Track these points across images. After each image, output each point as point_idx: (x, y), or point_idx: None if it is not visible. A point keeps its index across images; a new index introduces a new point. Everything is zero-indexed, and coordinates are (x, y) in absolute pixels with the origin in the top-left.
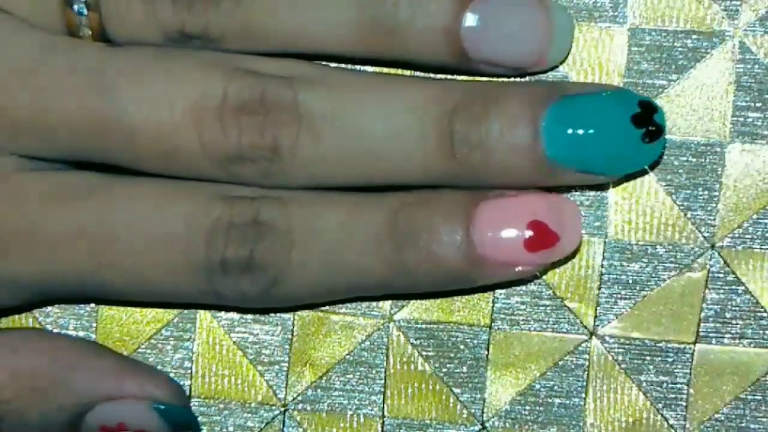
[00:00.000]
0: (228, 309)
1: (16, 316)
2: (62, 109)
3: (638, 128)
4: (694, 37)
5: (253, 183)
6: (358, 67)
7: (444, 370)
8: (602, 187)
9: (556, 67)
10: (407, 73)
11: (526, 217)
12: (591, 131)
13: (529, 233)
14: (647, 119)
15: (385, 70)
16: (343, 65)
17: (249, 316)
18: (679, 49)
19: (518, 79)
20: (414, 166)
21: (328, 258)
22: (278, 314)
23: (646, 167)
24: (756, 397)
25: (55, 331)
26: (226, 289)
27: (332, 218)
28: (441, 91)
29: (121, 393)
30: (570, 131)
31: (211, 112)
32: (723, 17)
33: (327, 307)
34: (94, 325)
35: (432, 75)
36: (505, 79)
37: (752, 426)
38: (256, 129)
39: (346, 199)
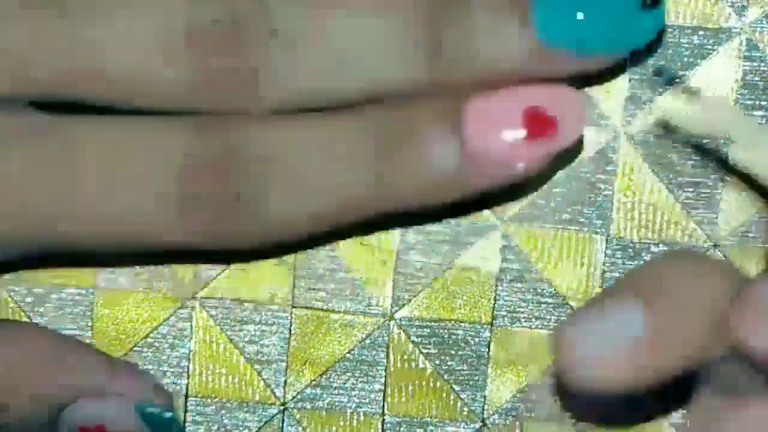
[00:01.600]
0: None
1: (9, 312)
2: (25, 43)
3: None
4: (700, 33)
5: (227, 109)
6: None
7: (445, 367)
8: (604, 184)
9: None
10: None
11: (519, 105)
12: (583, 4)
13: (524, 120)
14: None
15: None
16: None
17: (245, 316)
18: (686, 45)
19: None
20: (398, 71)
21: (312, 178)
22: (275, 313)
23: (646, 45)
24: None
25: (53, 331)
26: (207, 225)
27: (310, 135)
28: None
29: (109, 388)
30: (561, 8)
31: (178, 37)
32: (730, 14)
33: (326, 306)
34: (90, 323)
35: None
36: None
37: None
38: (227, 49)
39: (323, 116)
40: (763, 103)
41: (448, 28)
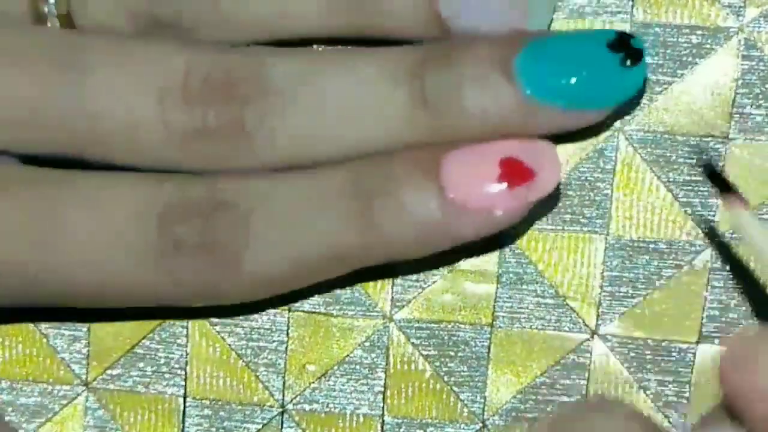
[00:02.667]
0: (211, 314)
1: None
2: (19, 95)
3: (616, 52)
4: (698, 33)
5: (218, 163)
6: None
7: (445, 369)
8: (603, 184)
9: None
10: None
11: (497, 154)
12: (567, 61)
13: (501, 169)
14: (624, 44)
15: None
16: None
17: (242, 316)
18: (684, 45)
19: None
20: (387, 126)
21: (293, 231)
22: (272, 317)
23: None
24: None
25: (49, 332)
26: (185, 274)
27: (292, 186)
28: (409, 50)
29: None
30: (545, 64)
31: (175, 89)
32: (728, 13)
33: (325, 310)
34: (88, 325)
35: None
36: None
37: None
38: (221, 103)
39: (305, 170)
40: (760, 101)
41: (435, 82)
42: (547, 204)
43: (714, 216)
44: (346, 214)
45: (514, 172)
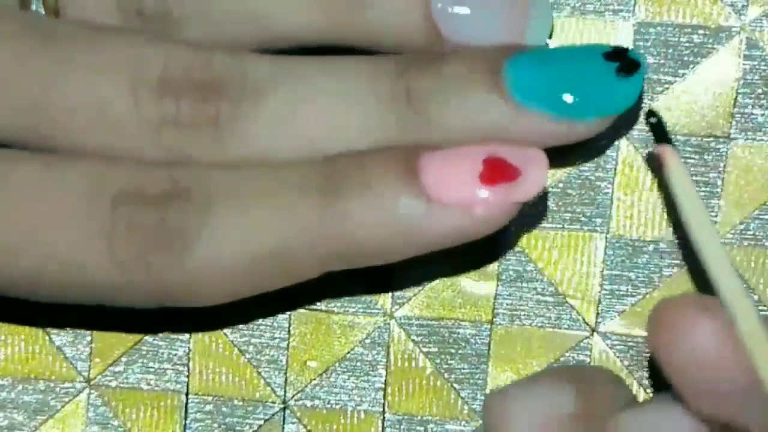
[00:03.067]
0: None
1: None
2: (4, 71)
3: (611, 62)
4: (700, 32)
5: (188, 157)
6: None
7: (445, 366)
8: (604, 183)
9: None
10: None
11: (480, 152)
12: (560, 68)
13: (483, 167)
14: (620, 54)
15: None
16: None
17: (242, 315)
18: (685, 44)
19: None
20: (368, 131)
21: (253, 216)
22: (273, 315)
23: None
24: None
25: (51, 329)
26: (129, 257)
27: (257, 175)
28: (392, 56)
29: None
30: (536, 70)
31: (151, 80)
32: (730, 12)
33: (326, 306)
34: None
35: None
36: None
37: None
38: (196, 96)
39: (274, 165)
40: (762, 101)
41: (420, 86)
42: (544, 205)
43: (715, 216)
44: (312, 207)
45: (497, 170)
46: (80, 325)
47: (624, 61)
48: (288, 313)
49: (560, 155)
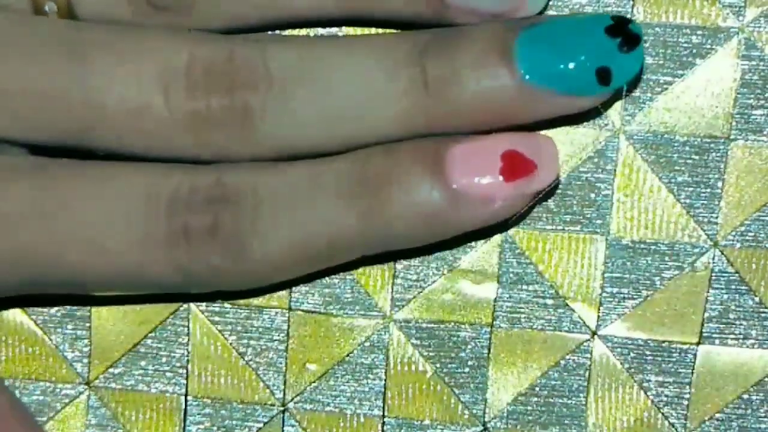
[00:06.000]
0: (212, 298)
1: (18, 320)
2: (29, 86)
3: (614, 38)
4: (699, 33)
5: (223, 150)
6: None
7: (445, 370)
8: (604, 185)
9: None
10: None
11: (500, 147)
12: (565, 46)
13: (503, 162)
14: (621, 29)
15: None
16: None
17: (242, 315)
18: (684, 44)
19: None
20: (387, 112)
21: (299, 216)
22: (272, 316)
23: (624, 86)
24: (758, 397)
25: (51, 330)
26: (192, 262)
27: (298, 175)
28: (409, 36)
29: None
30: (544, 49)
31: (178, 76)
32: (729, 13)
33: (325, 309)
34: (89, 324)
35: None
36: None
37: (753, 426)
38: (224, 90)
39: (310, 160)
40: (761, 102)
41: (435, 67)
42: (547, 201)
43: (716, 218)
44: (351, 202)
45: (516, 164)
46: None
47: (626, 35)
48: (287, 315)
49: (560, 155)
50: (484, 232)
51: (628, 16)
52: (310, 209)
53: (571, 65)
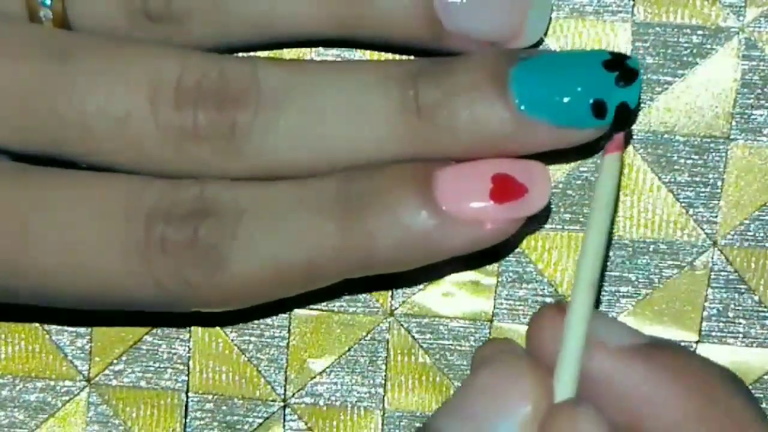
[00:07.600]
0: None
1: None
2: (15, 87)
3: (611, 71)
4: (699, 32)
5: (207, 166)
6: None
7: (444, 362)
8: None
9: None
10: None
11: (490, 170)
12: (562, 78)
13: (494, 184)
14: (619, 63)
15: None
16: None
17: (243, 311)
18: (684, 44)
19: None
20: (378, 136)
21: (279, 233)
22: (272, 315)
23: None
24: (757, 395)
25: (51, 328)
26: (166, 274)
27: (281, 192)
28: (404, 61)
29: None
30: (540, 80)
31: (167, 88)
32: (729, 13)
33: (326, 305)
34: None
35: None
36: None
37: None
38: (213, 106)
39: (295, 179)
40: (761, 102)
41: (428, 92)
42: (538, 219)
43: (716, 218)
44: (334, 221)
45: (506, 187)
46: (80, 322)
47: (623, 70)
48: (288, 311)
49: (560, 155)
50: (472, 262)
51: (628, 16)
52: (291, 227)
53: (567, 98)
